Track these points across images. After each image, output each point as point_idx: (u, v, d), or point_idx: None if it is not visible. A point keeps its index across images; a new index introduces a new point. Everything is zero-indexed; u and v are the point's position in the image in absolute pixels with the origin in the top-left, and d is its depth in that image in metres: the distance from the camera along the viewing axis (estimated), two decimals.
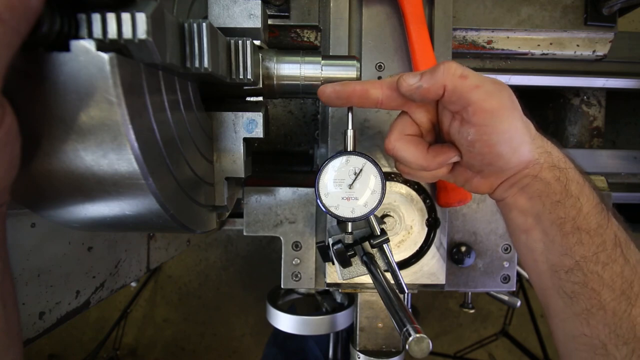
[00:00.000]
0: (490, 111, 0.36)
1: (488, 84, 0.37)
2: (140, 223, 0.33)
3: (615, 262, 0.38)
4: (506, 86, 0.38)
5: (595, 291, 0.39)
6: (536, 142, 0.39)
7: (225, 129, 0.42)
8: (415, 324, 0.35)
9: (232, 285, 1.81)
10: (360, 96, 0.40)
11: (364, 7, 0.57)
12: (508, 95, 0.37)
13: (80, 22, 0.23)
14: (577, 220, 0.39)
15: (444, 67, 0.37)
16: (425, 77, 0.37)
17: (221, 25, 0.40)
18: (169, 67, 0.29)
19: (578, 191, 0.39)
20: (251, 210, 0.59)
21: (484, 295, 0.74)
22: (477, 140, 0.38)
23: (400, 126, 0.42)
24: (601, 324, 0.39)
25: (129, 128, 0.24)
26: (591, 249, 0.39)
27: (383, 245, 0.46)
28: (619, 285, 0.38)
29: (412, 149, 0.41)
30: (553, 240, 0.41)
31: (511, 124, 0.37)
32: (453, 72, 0.36)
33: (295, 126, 0.70)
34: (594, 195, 0.40)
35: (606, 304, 0.38)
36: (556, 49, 0.62)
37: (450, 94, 0.37)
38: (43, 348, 1.75)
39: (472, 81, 0.36)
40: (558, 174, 0.39)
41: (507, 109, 0.37)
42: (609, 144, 0.93)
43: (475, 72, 0.37)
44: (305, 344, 0.96)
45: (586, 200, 0.39)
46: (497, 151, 0.38)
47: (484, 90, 0.36)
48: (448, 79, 0.36)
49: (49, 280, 0.54)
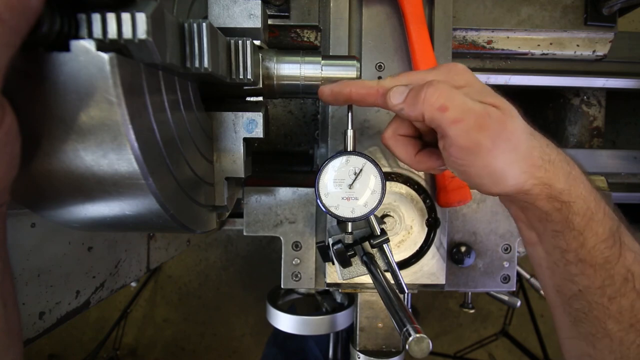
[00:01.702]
0: (466, 148, 0.34)
1: (471, 117, 0.33)
2: (140, 223, 0.33)
3: (625, 296, 0.36)
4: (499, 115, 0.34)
5: (600, 320, 0.37)
6: (532, 173, 0.35)
7: (225, 129, 0.42)
8: (415, 324, 0.35)
9: (232, 285, 1.81)
10: (357, 100, 0.40)
11: (364, 7, 0.57)
12: (493, 131, 0.33)
13: (80, 22, 0.23)
14: (580, 253, 0.36)
15: (425, 94, 0.34)
16: (408, 99, 0.36)
17: (221, 25, 0.40)
18: (169, 67, 0.29)
19: (583, 225, 0.36)
20: (251, 210, 0.59)
21: (484, 295, 0.74)
22: (454, 168, 0.37)
23: (394, 125, 0.41)
24: (607, 349, 0.37)
25: (129, 128, 0.24)
26: (596, 282, 0.36)
27: (383, 245, 0.46)
28: (627, 319, 0.36)
29: (401, 149, 0.41)
30: (556, 264, 0.38)
31: (491, 161, 0.34)
32: (433, 102, 0.34)
33: (295, 126, 0.70)
34: (605, 229, 0.36)
35: (612, 333, 0.36)
36: (556, 49, 0.62)
37: (429, 122, 0.35)
38: (43, 348, 1.75)
39: (451, 115, 0.33)
40: (559, 206, 0.36)
41: (485, 149, 0.33)
42: (609, 144, 0.93)
43: (464, 97, 0.34)
44: (305, 344, 0.96)
45: (592, 235, 0.36)
46: (476, 181, 0.36)
47: (463, 127, 0.33)
48: (426, 109, 0.34)
49: (49, 280, 0.54)
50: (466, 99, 0.34)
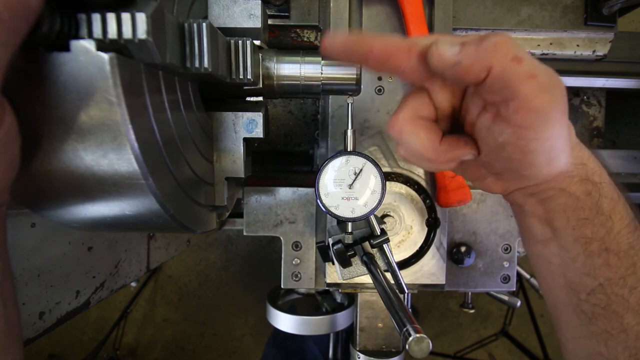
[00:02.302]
0: (539, 111, 0.28)
1: (544, 74, 0.28)
2: (140, 223, 0.33)
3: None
4: (561, 81, 0.29)
5: (618, 314, 0.36)
6: (574, 152, 0.34)
7: (225, 129, 0.42)
8: (415, 324, 0.35)
9: (232, 285, 1.81)
10: (378, 60, 0.31)
11: (364, 7, 0.57)
12: (563, 93, 0.29)
13: (80, 22, 0.23)
14: (606, 241, 0.35)
15: (495, 42, 0.27)
16: (466, 51, 0.28)
17: (221, 25, 0.40)
18: (169, 67, 0.29)
19: (610, 208, 0.34)
20: (251, 210, 0.59)
21: (484, 295, 0.74)
22: (510, 143, 0.30)
23: (414, 104, 0.33)
24: (621, 346, 0.36)
25: (129, 128, 0.24)
26: (619, 271, 0.35)
27: (383, 245, 0.46)
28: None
29: (423, 136, 0.33)
30: (574, 259, 0.37)
31: (557, 130, 0.30)
32: (505, 51, 0.27)
33: (295, 126, 0.70)
34: (628, 212, 0.35)
35: (629, 327, 0.36)
36: (556, 49, 0.62)
37: (495, 80, 0.28)
38: (43, 348, 1.75)
39: (526, 67, 0.27)
40: (590, 188, 0.34)
41: (558, 112, 0.29)
42: (609, 144, 0.93)
43: (529, 54, 0.28)
44: (305, 344, 0.96)
45: (619, 219, 0.35)
46: (530, 160, 0.31)
47: (538, 83, 0.28)
48: (497, 59, 0.27)
49: (49, 280, 0.54)
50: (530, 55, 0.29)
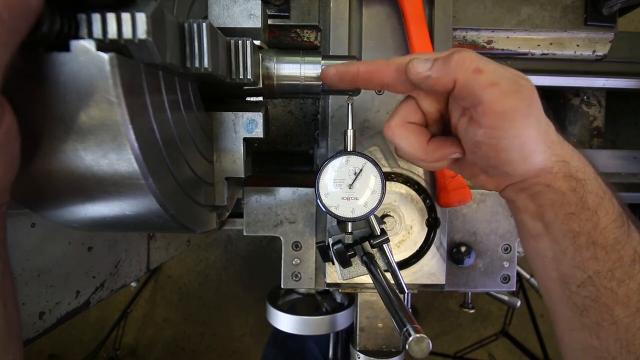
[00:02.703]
0: (501, 114, 0.33)
1: (506, 81, 0.32)
2: (140, 223, 0.33)
3: (633, 278, 0.36)
4: (528, 84, 0.34)
5: (608, 306, 0.37)
6: (553, 149, 0.36)
7: (225, 129, 0.42)
8: (415, 324, 0.35)
9: (232, 285, 1.81)
10: (365, 79, 0.38)
11: (364, 7, 0.57)
12: (527, 97, 0.33)
13: (80, 22, 0.23)
14: (593, 235, 0.37)
15: (458, 57, 0.33)
16: (436, 65, 0.34)
17: (221, 25, 0.40)
18: (169, 67, 0.29)
19: (596, 204, 0.36)
20: (251, 210, 0.59)
21: (484, 295, 0.74)
22: (483, 142, 0.35)
23: (403, 112, 0.39)
24: (612, 338, 0.37)
25: (129, 128, 0.24)
26: (606, 264, 0.37)
27: (383, 245, 0.46)
28: (634, 303, 0.36)
29: (412, 139, 0.38)
30: (564, 252, 0.38)
31: (524, 130, 0.33)
32: (467, 65, 0.32)
33: (295, 126, 0.70)
34: (615, 208, 0.37)
35: (619, 320, 0.37)
36: (556, 49, 0.62)
37: (461, 89, 0.33)
38: (43, 348, 1.75)
39: (487, 77, 0.32)
40: (574, 185, 0.36)
41: (521, 114, 0.33)
42: (609, 144, 0.93)
43: (494, 63, 0.33)
44: (305, 344, 0.96)
45: (604, 214, 0.36)
46: (505, 157, 0.35)
47: (499, 90, 0.32)
48: (461, 72, 0.33)
49: (49, 280, 0.54)
50: (498, 65, 0.33)
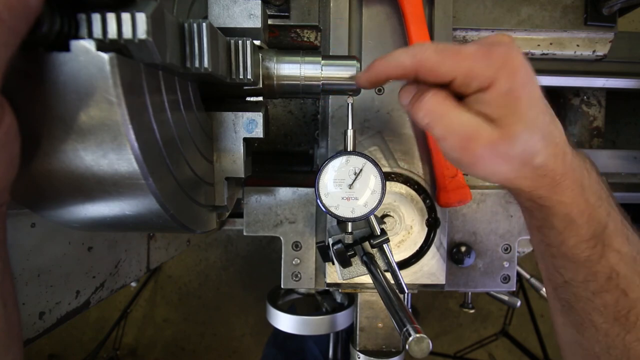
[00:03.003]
0: (451, 160, 0.37)
1: (455, 139, 0.34)
2: (140, 223, 0.33)
3: (609, 292, 0.37)
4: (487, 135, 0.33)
5: (586, 311, 0.38)
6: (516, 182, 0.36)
7: (225, 129, 0.42)
8: (415, 324, 0.35)
9: (232, 285, 1.81)
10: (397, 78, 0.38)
11: (364, 7, 0.57)
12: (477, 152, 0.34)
13: (80, 22, 0.23)
14: (562, 249, 0.38)
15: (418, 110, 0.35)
16: (409, 106, 0.37)
17: (221, 25, 0.40)
18: (169, 67, 0.29)
19: (563, 226, 0.37)
20: (251, 210, 0.59)
21: (484, 295, 0.74)
22: None
23: None
24: (594, 339, 0.38)
25: (129, 128, 0.24)
26: (579, 276, 0.38)
27: (383, 245, 0.46)
28: (611, 313, 0.37)
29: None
30: (544, 254, 0.40)
31: (473, 173, 0.37)
32: (420, 119, 0.36)
33: (295, 126, 0.70)
34: (588, 231, 0.37)
35: (597, 324, 0.37)
36: (556, 49, 0.62)
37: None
38: (43, 348, 1.75)
39: (436, 132, 0.35)
40: (538, 207, 0.38)
41: (466, 165, 0.36)
42: (609, 144, 0.93)
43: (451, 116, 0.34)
44: (305, 344, 0.96)
45: (572, 236, 0.37)
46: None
47: (446, 145, 0.35)
48: (418, 122, 0.37)
49: (49, 280, 0.54)
50: (457, 116, 0.34)
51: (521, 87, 0.33)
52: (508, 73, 0.33)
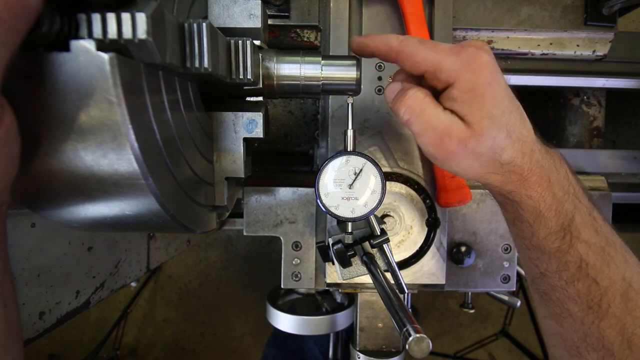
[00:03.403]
0: (426, 153, 0.40)
1: (431, 135, 0.37)
2: (140, 223, 0.33)
3: (580, 281, 0.38)
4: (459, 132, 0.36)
5: (562, 301, 0.40)
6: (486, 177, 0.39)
7: (225, 129, 0.42)
8: (415, 324, 0.35)
9: (232, 285, 1.81)
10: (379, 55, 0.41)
11: (364, 7, 0.57)
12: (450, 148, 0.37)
13: (80, 22, 0.23)
14: (533, 241, 0.40)
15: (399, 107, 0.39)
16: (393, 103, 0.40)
17: (221, 25, 0.40)
18: (169, 67, 0.29)
19: (533, 219, 0.39)
20: (251, 210, 0.59)
21: (484, 295, 0.74)
22: None
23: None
24: (572, 329, 0.40)
25: (129, 128, 0.24)
26: (552, 267, 0.40)
27: (383, 245, 0.46)
28: (584, 301, 0.39)
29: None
30: (520, 247, 0.42)
31: (446, 167, 0.40)
32: (402, 115, 0.39)
33: (295, 126, 0.70)
34: (556, 223, 0.39)
35: (573, 313, 0.39)
36: (556, 49, 0.62)
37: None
38: (43, 348, 1.75)
39: (415, 129, 0.38)
40: (509, 202, 0.40)
41: (441, 160, 0.39)
42: (609, 144, 0.93)
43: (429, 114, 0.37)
44: (305, 344, 0.96)
45: (542, 227, 0.39)
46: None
47: (423, 141, 0.38)
48: (400, 118, 0.39)
49: (49, 280, 0.54)
50: (434, 114, 0.37)
51: (484, 85, 0.36)
52: (472, 70, 0.36)
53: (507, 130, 0.37)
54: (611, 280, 0.38)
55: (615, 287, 0.38)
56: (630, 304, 0.38)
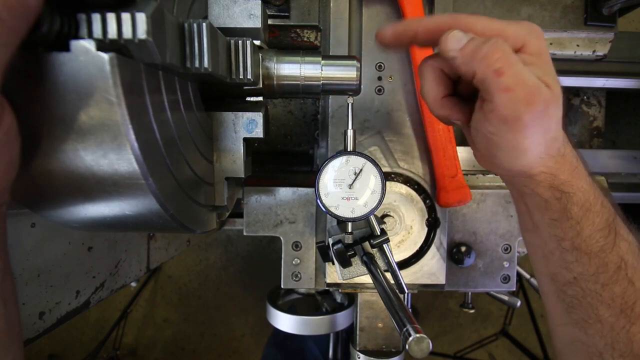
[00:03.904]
0: (505, 119, 0.33)
1: (522, 89, 0.31)
2: (140, 223, 0.33)
3: (617, 283, 0.37)
4: (548, 94, 0.33)
5: (593, 306, 0.38)
6: (544, 162, 0.36)
7: (225, 129, 0.42)
8: (415, 324, 0.35)
9: (232, 285, 1.81)
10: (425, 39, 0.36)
11: (364, 7, 0.57)
12: (537, 109, 0.32)
13: (80, 22, 0.23)
14: (576, 241, 0.38)
15: (485, 52, 0.32)
16: (464, 50, 0.33)
17: (221, 25, 0.40)
18: (169, 67, 0.29)
19: (580, 215, 0.37)
20: (251, 210, 0.59)
21: (484, 295, 0.74)
22: (481, 131, 0.35)
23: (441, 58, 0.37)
24: (598, 335, 0.38)
25: (129, 128, 0.24)
26: (590, 269, 0.38)
27: (383, 245, 0.46)
28: (618, 305, 0.37)
29: (432, 84, 0.38)
30: (552, 252, 0.40)
31: (521, 138, 0.34)
32: (491, 63, 0.31)
33: (295, 126, 0.70)
34: (603, 218, 0.37)
35: (603, 319, 0.38)
36: (556, 49, 0.62)
37: (478, 83, 0.33)
38: (43, 348, 1.75)
39: (505, 81, 0.31)
40: (559, 195, 0.37)
41: (522, 124, 0.33)
42: (609, 144, 0.93)
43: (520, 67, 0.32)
44: (305, 344, 0.96)
45: (589, 224, 0.37)
46: (495, 152, 0.36)
47: (511, 97, 0.32)
48: (481, 69, 0.32)
49: (49, 280, 0.54)
50: (524, 69, 0.32)
51: (547, 53, 0.34)
52: (537, 36, 0.34)
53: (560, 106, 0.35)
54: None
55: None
56: None
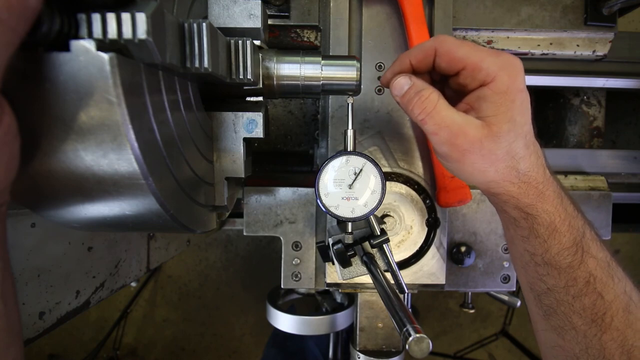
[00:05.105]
0: (439, 154, 0.40)
1: (445, 133, 0.37)
2: (140, 223, 0.33)
3: (586, 295, 0.39)
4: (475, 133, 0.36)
5: (567, 315, 0.41)
6: (504, 186, 0.39)
7: (225, 129, 0.42)
8: (415, 324, 0.35)
9: (232, 285, 1.81)
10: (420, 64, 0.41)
11: (364, 7, 0.57)
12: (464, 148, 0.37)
13: (80, 22, 0.23)
14: (545, 257, 0.40)
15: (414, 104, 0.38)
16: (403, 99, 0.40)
17: (221, 25, 0.40)
18: (169, 67, 0.29)
19: (547, 235, 0.40)
20: (251, 210, 0.59)
21: (484, 295, 0.74)
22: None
23: None
24: (574, 340, 0.41)
25: (129, 128, 0.24)
26: (561, 282, 0.40)
27: (383, 245, 0.46)
28: (589, 315, 0.39)
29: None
30: (527, 264, 0.42)
31: (460, 167, 0.39)
32: (417, 114, 0.38)
33: (295, 126, 0.70)
34: (569, 238, 0.39)
35: (577, 326, 0.40)
36: (556, 49, 0.62)
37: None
38: (43, 348, 1.75)
39: (428, 128, 0.38)
40: (524, 216, 0.40)
41: (454, 159, 0.38)
42: (609, 144, 0.93)
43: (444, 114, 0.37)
44: (305, 344, 0.96)
45: (556, 243, 0.40)
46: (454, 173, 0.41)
47: (436, 139, 0.38)
48: (412, 116, 0.39)
49: (49, 280, 0.54)
50: (449, 115, 0.37)
51: (518, 91, 0.36)
52: (509, 73, 0.36)
53: (525, 140, 0.37)
54: (615, 294, 0.39)
55: (619, 301, 0.38)
56: (631, 317, 0.38)
